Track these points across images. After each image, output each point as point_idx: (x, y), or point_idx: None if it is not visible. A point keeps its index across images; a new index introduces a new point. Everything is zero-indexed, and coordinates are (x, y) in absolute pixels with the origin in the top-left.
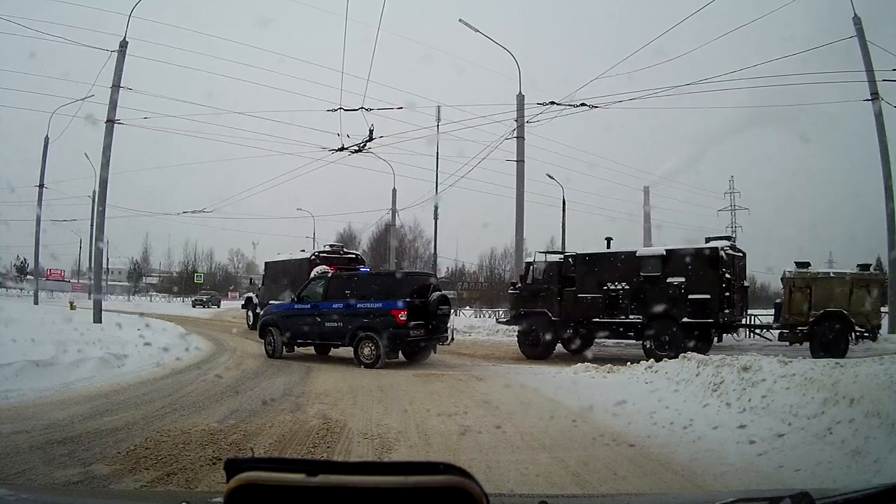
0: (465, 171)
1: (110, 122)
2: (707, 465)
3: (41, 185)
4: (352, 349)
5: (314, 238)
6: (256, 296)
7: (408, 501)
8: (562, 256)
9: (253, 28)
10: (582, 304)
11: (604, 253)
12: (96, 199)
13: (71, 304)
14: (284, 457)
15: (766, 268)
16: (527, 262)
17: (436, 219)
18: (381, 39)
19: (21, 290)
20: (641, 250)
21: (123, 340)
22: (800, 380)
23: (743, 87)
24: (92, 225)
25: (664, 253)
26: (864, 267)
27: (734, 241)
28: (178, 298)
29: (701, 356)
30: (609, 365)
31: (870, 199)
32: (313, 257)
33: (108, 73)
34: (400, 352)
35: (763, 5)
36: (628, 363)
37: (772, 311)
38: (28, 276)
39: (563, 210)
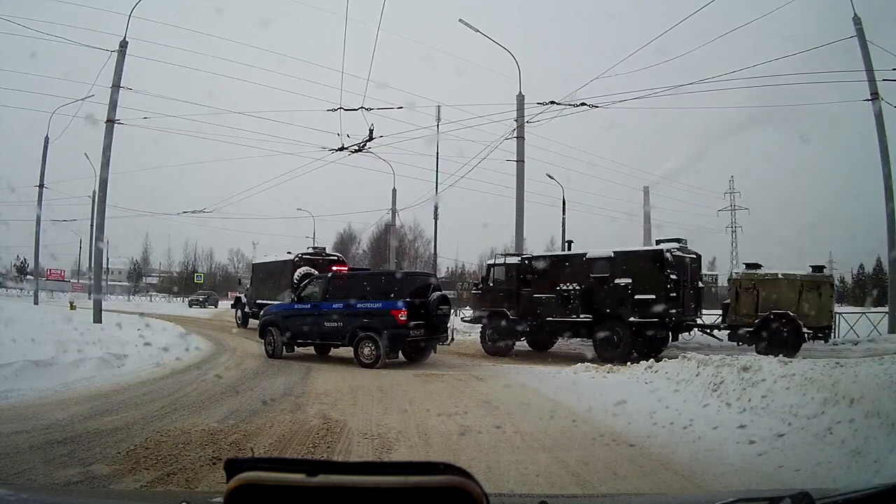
0: (465, 171)
1: (110, 122)
2: (707, 465)
3: (41, 185)
4: (352, 349)
5: (314, 238)
6: (245, 296)
7: (408, 501)
8: (520, 258)
9: (253, 28)
10: (537, 303)
11: (557, 255)
12: (96, 199)
13: (71, 304)
14: (284, 457)
15: (766, 267)
16: (488, 264)
17: (436, 219)
18: (381, 39)
19: (21, 290)
20: (591, 252)
21: (123, 340)
22: (800, 380)
23: (743, 87)
24: (92, 225)
25: (612, 255)
26: (818, 268)
27: (685, 244)
28: (178, 298)
29: (701, 356)
30: (609, 365)
31: (870, 199)
32: (297, 259)
33: (108, 73)
34: (400, 352)
35: (763, 5)
36: (628, 363)
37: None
38: (28, 276)
39: (563, 210)
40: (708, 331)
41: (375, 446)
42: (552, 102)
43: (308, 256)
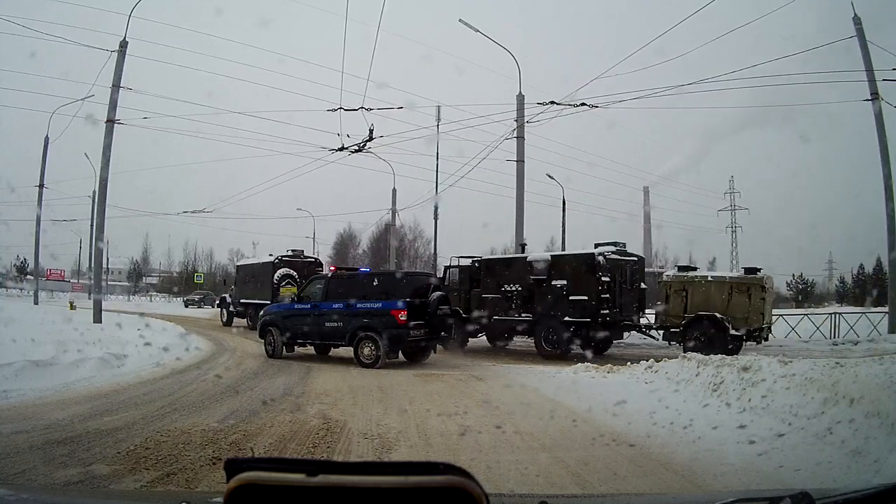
0: (465, 171)
1: (110, 122)
2: (707, 465)
3: (41, 185)
4: (352, 349)
5: (314, 238)
6: (230, 295)
7: (408, 501)
8: (471, 261)
9: (253, 28)
10: (485, 303)
11: (502, 258)
12: (96, 199)
13: (71, 304)
14: (284, 457)
15: (766, 268)
16: (445, 266)
17: (436, 219)
18: (381, 39)
19: (21, 290)
20: (532, 256)
21: (123, 340)
22: (800, 380)
23: (743, 88)
24: (92, 225)
25: (549, 258)
26: (751, 270)
27: (623, 247)
28: (178, 298)
29: (701, 356)
30: (609, 365)
31: (870, 199)
32: (276, 261)
33: (108, 73)
34: (400, 352)
35: (763, 5)
36: (628, 363)
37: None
38: (28, 276)
39: (563, 210)
40: (645, 330)
41: (375, 446)
42: (552, 102)
43: (287, 258)
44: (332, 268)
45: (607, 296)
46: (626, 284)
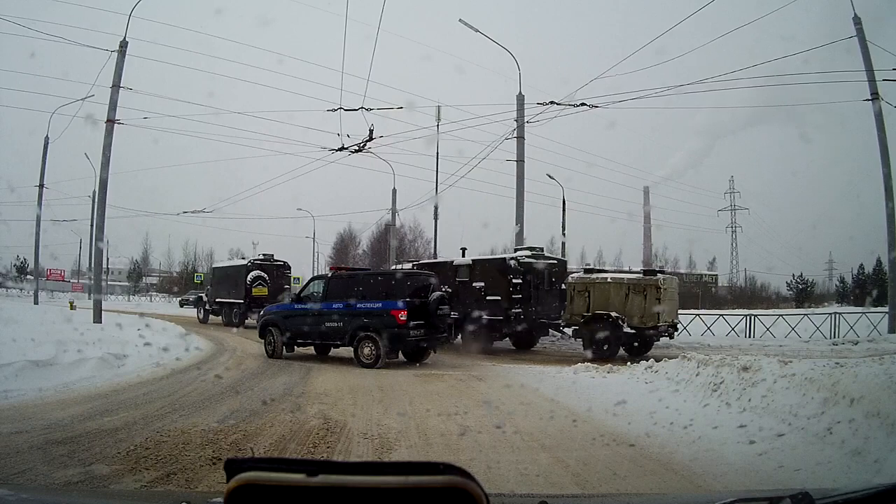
0: (465, 171)
1: (110, 122)
2: (707, 465)
3: (41, 185)
4: (352, 349)
5: (314, 238)
6: (206, 295)
7: (408, 502)
8: (411, 265)
9: (253, 28)
10: None
11: (434, 262)
12: (96, 199)
13: (71, 304)
14: (284, 457)
15: (766, 267)
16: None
17: (436, 219)
18: (381, 39)
19: (21, 290)
20: (457, 260)
21: (123, 340)
22: (800, 380)
23: (743, 88)
24: (92, 225)
25: (471, 262)
26: (649, 272)
27: (540, 251)
28: (178, 298)
29: (701, 356)
30: (609, 365)
31: (870, 199)
32: (249, 264)
33: (108, 73)
34: (400, 352)
35: (763, 5)
36: (628, 363)
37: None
38: (28, 276)
39: (563, 210)
40: (561, 328)
41: (375, 446)
42: (552, 102)
43: (259, 262)
44: (331, 268)
45: (519, 296)
46: (545, 286)
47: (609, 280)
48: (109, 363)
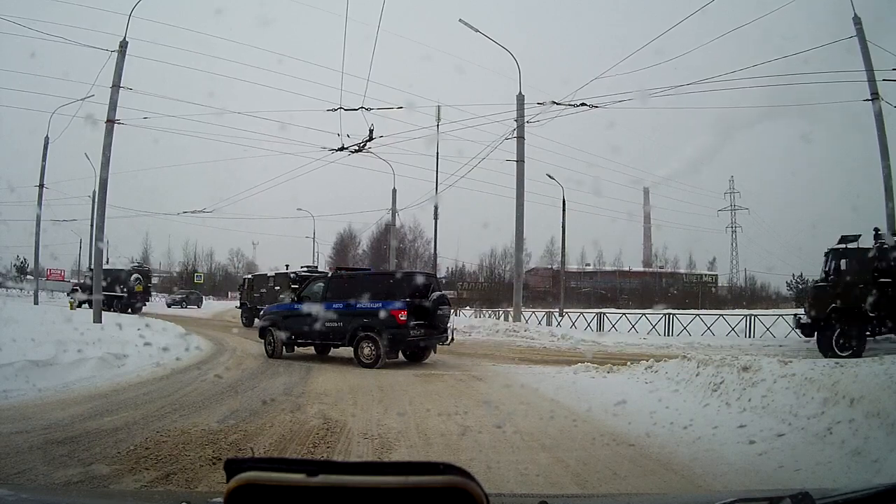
0: (465, 171)
1: (110, 122)
2: (707, 465)
3: (41, 185)
4: (352, 349)
5: (314, 238)
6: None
7: (408, 502)
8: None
9: (253, 28)
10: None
11: (263, 274)
12: (96, 199)
13: (71, 303)
14: (284, 457)
15: (766, 268)
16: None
17: (436, 219)
18: (381, 39)
19: (21, 290)
20: (269, 272)
21: (123, 340)
22: (800, 380)
23: (743, 88)
24: (92, 225)
25: (274, 274)
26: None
27: (315, 268)
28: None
29: (701, 356)
30: (609, 365)
31: (870, 199)
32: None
33: (108, 73)
34: (400, 352)
35: (763, 5)
36: (628, 363)
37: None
38: (28, 276)
39: (563, 210)
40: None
41: (375, 446)
42: (552, 102)
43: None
44: (331, 268)
45: None
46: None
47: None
48: (109, 363)
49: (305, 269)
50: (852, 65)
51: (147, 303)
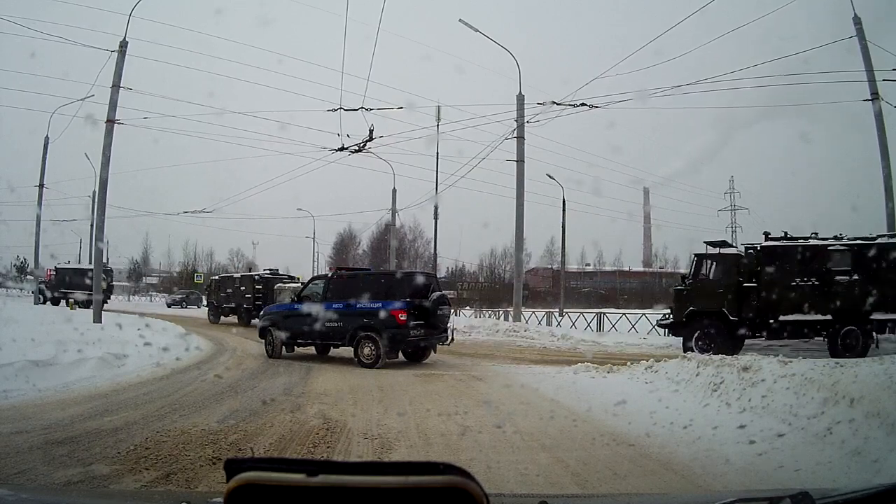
0: (465, 171)
1: (110, 122)
2: (707, 465)
3: (41, 185)
4: (352, 349)
5: (314, 238)
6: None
7: (408, 502)
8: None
9: (253, 28)
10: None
11: (229, 276)
12: (96, 199)
13: (71, 304)
14: (284, 457)
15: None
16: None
17: (436, 219)
18: (381, 39)
19: (21, 289)
20: (241, 273)
21: (123, 340)
22: (800, 380)
23: (743, 88)
24: (92, 225)
25: (241, 276)
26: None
27: (276, 271)
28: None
29: (701, 356)
30: (609, 365)
31: (870, 199)
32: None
33: (108, 73)
34: (400, 352)
35: (763, 5)
36: (628, 363)
37: None
38: (28, 276)
39: (563, 210)
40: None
41: (375, 446)
42: (552, 102)
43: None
44: (331, 268)
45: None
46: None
47: (235, 276)
48: (109, 363)
49: (268, 272)
50: (852, 65)
51: (109, 300)
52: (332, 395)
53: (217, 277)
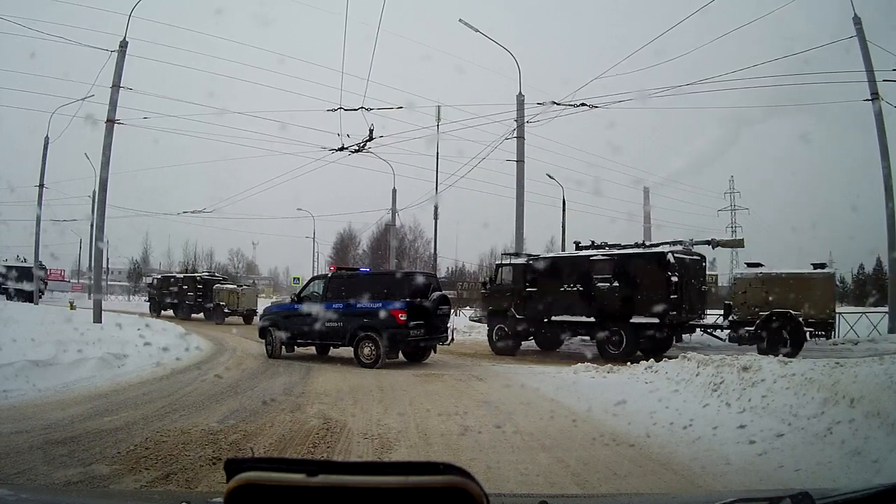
0: (465, 171)
1: (110, 122)
2: (707, 465)
3: (41, 185)
4: (352, 349)
5: (314, 238)
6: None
7: (408, 502)
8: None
9: (253, 28)
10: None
11: (176, 275)
12: (96, 199)
13: (71, 304)
14: (284, 457)
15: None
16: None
17: (436, 219)
18: (381, 39)
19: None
20: (199, 275)
21: (123, 340)
22: (800, 380)
23: (743, 88)
24: (92, 225)
25: (182, 276)
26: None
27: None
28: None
29: (701, 356)
30: (609, 365)
31: (870, 199)
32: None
33: (108, 73)
34: (400, 352)
35: (763, 5)
36: (628, 363)
37: None
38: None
39: (563, 210)
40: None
41: (375, 446)
42: (552, 102)
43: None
44: (332, 267)
45: (201, 298)
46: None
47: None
48: (109, 363)
49: (207, 273)
50: (852, 65)
51: (42, 295)
52: (331, 395)
53: (160, 276)
